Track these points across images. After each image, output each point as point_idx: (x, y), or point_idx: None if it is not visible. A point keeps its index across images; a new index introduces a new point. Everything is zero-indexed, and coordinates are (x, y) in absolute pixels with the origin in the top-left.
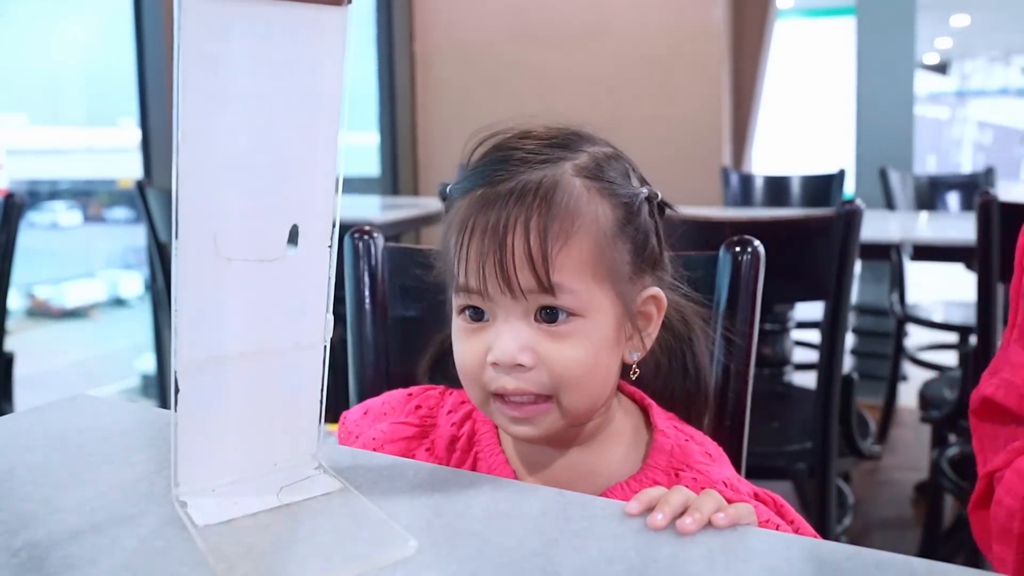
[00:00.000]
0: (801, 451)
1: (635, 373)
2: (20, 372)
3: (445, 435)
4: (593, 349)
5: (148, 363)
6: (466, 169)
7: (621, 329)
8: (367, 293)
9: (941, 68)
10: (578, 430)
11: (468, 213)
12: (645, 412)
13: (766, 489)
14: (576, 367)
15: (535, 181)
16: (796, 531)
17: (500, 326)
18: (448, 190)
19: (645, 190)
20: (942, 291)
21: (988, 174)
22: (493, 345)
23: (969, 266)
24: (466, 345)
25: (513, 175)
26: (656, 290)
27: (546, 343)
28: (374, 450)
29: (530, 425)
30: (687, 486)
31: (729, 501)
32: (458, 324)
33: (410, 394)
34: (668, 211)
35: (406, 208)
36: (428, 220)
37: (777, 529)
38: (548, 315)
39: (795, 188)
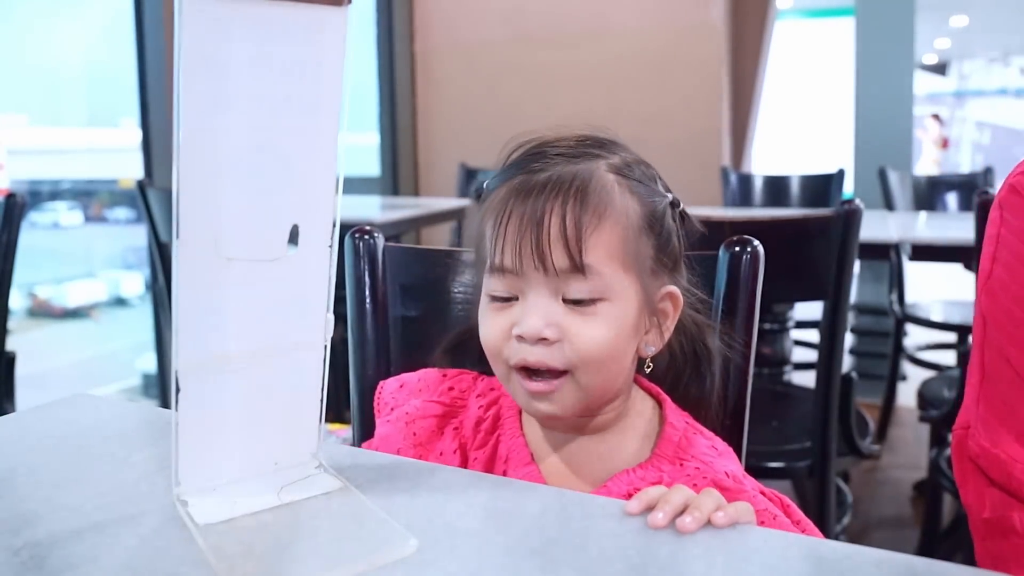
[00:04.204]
0: (800, 450)
1: (649, 367)
2: (21, 371)
3: (472, 416)
4: (615, 331)
5: (149, 363)
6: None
7: (641, 318)
8: (367, 293)
9: (940, 68)
10: (594, 419)
11: (506, 199)
12: (661, 407)
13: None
14: (597, 345)
15: (571, 173)
16: (802, 532)
17: (529, 302)
18: (484, 184)
19: (670, 195)
20: (941, 291)
21: (987, 174)
22: (520, 319)
23: (968, 266)
24: (493, 321)
25: (550, 167)
26: (673, 288)
27: (571, 320)
28: (407, 423)
29: (548, 402)
30: (690, 475)
31: (731, 494)
32: (487, 304)
33: (444, 375)
34: (688, 223)
35: (406, 208)
36: (428, 220)
37: (775, 520)
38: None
39: (794, 188)
